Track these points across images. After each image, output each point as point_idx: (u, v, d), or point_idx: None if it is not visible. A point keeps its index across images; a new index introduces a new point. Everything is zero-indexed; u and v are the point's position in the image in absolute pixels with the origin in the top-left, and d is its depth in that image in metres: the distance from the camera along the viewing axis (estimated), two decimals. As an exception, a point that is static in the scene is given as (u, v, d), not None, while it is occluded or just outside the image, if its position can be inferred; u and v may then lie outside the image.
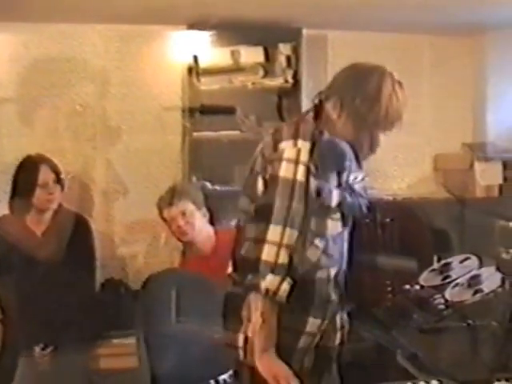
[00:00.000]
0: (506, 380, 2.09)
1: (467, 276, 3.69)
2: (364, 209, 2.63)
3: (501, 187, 3.11)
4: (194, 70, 4.50)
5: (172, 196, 3.89)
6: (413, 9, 4.28)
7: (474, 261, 3.88)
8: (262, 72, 4.61)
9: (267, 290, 2.38)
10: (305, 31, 4.55)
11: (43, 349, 3.83)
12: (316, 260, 2.49)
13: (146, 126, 4.71)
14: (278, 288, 2.38)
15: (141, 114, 4.70)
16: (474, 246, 4.35)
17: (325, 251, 2.52)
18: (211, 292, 3.71)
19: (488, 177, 4.80)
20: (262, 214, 2.44)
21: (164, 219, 3.98)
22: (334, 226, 2.55)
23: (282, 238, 2.39)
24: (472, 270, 3.76)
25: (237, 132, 4.62)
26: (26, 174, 3.93)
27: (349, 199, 2.54)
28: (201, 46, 4.54)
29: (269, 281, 2.37)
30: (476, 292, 3.49)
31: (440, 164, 5.19)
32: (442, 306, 3.54)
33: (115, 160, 4.70)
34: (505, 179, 3.10)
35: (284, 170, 2.43)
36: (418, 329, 3.36)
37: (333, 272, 2.57)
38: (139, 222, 4.75)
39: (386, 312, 3.71)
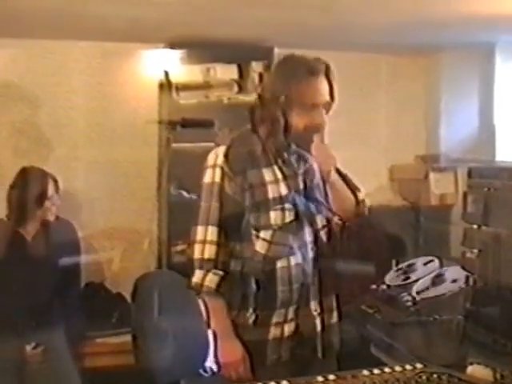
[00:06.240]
0: (478, 363, 2.37)
1: (431, 275, 4.04)
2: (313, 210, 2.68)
3: (465, 194, 3.43)
4: (172, 86, 4.66)
5: None
6: (376, 32, 4.52)
7: (435, 262, 4.25)
8: (236, 88, 4.79)
9: (195, 284, 2.58)
10: (276, 50, 4.69)
11: (34, 348, 3.96)
12: (266, 251, 2.60)
13: (125, 137, 4.88)
14: (204, 279, 2.56)
15: (120, 127, 4.87)
16: (434, 249, 4.70)
17: (273, 242, 2.60)
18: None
19: (441, 186, 5.10)
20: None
21: None
22: (278, 216, 2.60)
23: (205, 235, 2.59)
24: (434, 270, 4.13)
25: (211, 144, 4.82)
26: (36, 187, 4.04)
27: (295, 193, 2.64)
28: (179, 64, 4.69)
29: (196, 275, 2.59)
30: (441, 290, 3.86)
31: (395, 174, 5.43)
32: (410, 303, 3.88)
33: (96, 170, 4.88)
34: (469, 186, 3.42)
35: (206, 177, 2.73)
36: (390, 323, 3.69)
37: (293, 261, 2.63)
38: (116, 229, 4.92)
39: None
